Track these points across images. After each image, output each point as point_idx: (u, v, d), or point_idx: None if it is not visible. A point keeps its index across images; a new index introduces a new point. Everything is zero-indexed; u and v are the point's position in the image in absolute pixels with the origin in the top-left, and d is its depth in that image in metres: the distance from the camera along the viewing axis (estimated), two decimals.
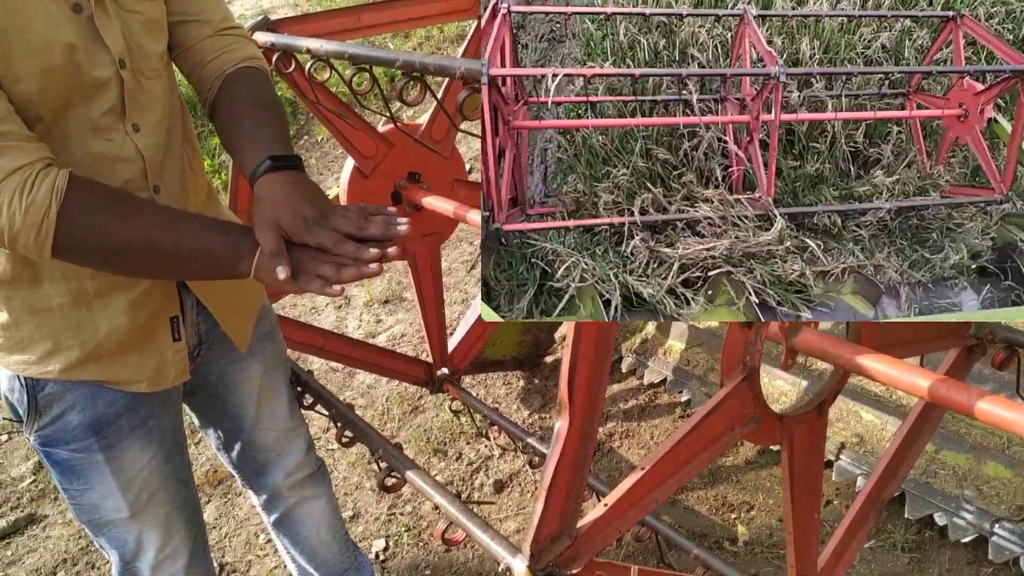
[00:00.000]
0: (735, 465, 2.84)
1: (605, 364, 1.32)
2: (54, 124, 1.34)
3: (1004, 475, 2.28)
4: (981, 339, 1.94)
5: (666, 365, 3.19)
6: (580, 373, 1.28)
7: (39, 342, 1.48)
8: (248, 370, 1.84)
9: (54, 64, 1.29)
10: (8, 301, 1.46)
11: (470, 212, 2.44)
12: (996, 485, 2.28)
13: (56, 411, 1.54)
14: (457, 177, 2.78)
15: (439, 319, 2.92)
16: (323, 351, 2.80)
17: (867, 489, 1.98)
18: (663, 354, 3.23)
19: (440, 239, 2.86)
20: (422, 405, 3.52)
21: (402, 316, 4.20)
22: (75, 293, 1.46)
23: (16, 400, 1.55)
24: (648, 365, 3.24)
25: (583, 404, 1.30)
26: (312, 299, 4.55)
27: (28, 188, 1.23)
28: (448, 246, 4.60)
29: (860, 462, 2.52)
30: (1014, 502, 2.23)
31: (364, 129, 2.49)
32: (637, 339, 3.34)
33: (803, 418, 1.66)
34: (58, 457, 1.58)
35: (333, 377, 3.84)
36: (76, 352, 1.50)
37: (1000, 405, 1.28)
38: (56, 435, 1.56)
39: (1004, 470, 2.29)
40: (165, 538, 1.72)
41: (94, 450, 1.58)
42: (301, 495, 2.04)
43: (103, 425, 1.57)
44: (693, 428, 1.46)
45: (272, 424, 1.92)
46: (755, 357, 1.49)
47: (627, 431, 3.12)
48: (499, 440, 3.16)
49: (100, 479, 1.60)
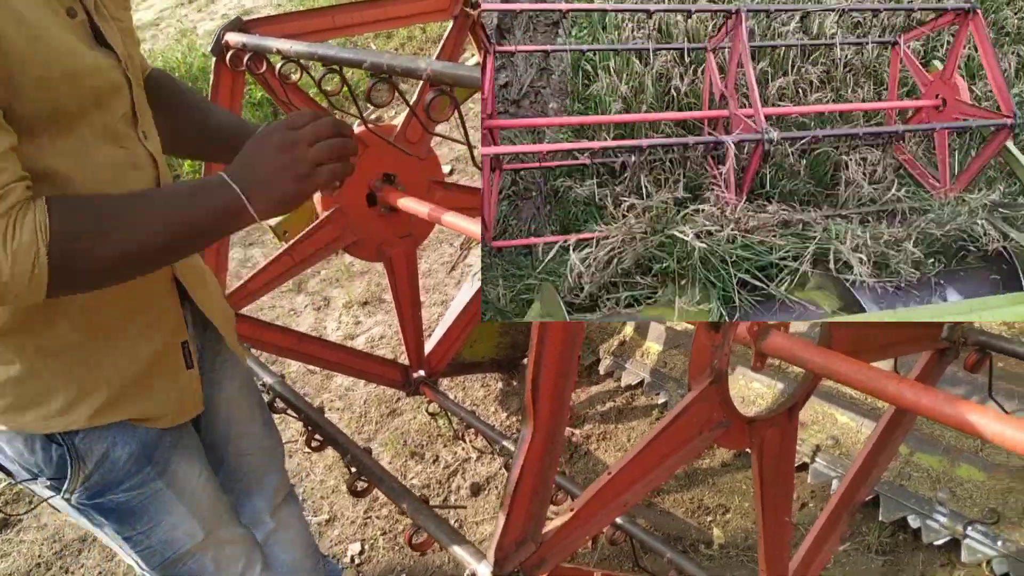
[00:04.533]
0: (711, 468, 2.84)
1: (570, 369, 1.31)
2: (73, 133, 1.27)
3: (977, 477, 2.29)
4: (953, 342, 1.94)
5: (643, 367, 3.18)
6: (544, 379, 1.27)
7: (60, 390, 1.36)
8: (223, 392, 1.77)
9: (77, 67, 1.23)
10: (20, 350, 1.33)
11: (445, 214, 2.43)
12: (969, 487, 2.28)
13: (99, 451, 1.42)
14: (433, 178, 2.77)
15: (415, 321, 2.90)
16: (298, 353, 2.78)
17: (840, 492, 1.98)
18: (640, 356, 3.22)
19: (416, 241, 2.84)
20: (399, 408, 3.50)
21: (381, 318, 4.18)
22: (92, 327, 1.37)
23: (42, 461, 1.40)
24: (626, 367, 3.23)
25: (548, 410, 1.29)
26: (291, 300, 4.52)
27: (10, 236, 1.12)
28: (427, 248, 4.58)
29: (835, 464, 2.52)
30: (987, 504, 2.23)
31: None
32: (615, 341, 3.33)
33: (773, 421, 1.65)
34: (113, 503, 1.46)
35: (311, 379, 3.82)
36: (103, 393, 1.39)
37: (968, 409, 1.28)
38: (107, 479, 1.44)
39: (977, 472, 2.29)
40: (240, 550, 1.67)
41: (152, 479, 1.48)
42: (280, 518, 1.97)
43: (152, 449, 1.47)
44: (661, 432, 1.45)
45: (251, 447, 1.87)
46: (723, 361, 1.48)
47: (604, 433, 3.11)
48: (476, 443, 3.14)
49: (166, 508, 1.51)
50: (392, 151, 2.56)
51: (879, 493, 2.38)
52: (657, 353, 3.18)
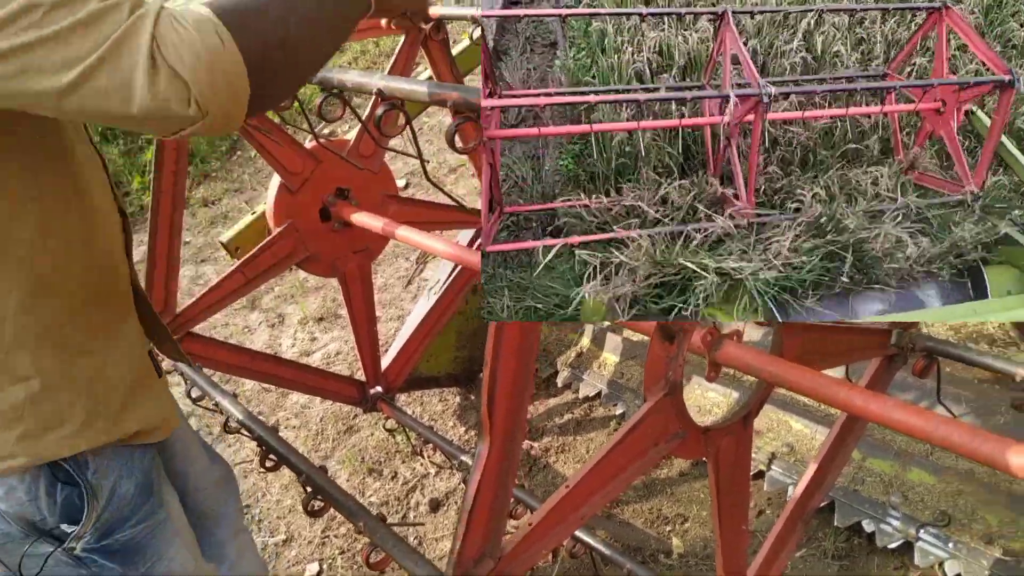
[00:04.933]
0: (669, 477, 2.85)
1: (526, 383, 1.31)
2: (59, 130, 1.22)
3: (928, 481, 2.33)
4: (902, 348, 1.98)
5: (601, 378, 3.19)
6: (500, 393, 1.27)
7: (77, 405, 1.28)
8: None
9: None
10: (38, 363, 1.23)
11: (399, 228, 2.42)
12: (921, 491, 2.32)
13: (108, 486, 1.35)
14: (387, 193, 2.75)
15: (371, 337, 2.88)
16: (252, 372, 2.74)
17: (795, 499, 2.00)
18: (598, 367, 3.23)
19: (371, 256, 2.82)
20: (357, 424, 3.47)
21: (337, 334, 4.14)
22: (95, 328, 1.31)
23: (46, 508, 1.30)
24: (583, 379, 3.24)
25: (504, 424, 1.28)
26: (245, 318, 4.47)
27: (177, 23, 0.94)
28: (383, 262, 4.56)
29: (791, 471, 2.55)
30: (938, 507, 2.27)
31: (290, 145, 2.45)
32: (572, 353, 3.34)
33: (728, 430, 1.66)
34: (118, 543, 1.39)
35: (266, 397, 3.77)
36: (115, 404, 1.33)
37: (914, 415, 1.30)
38: (116, 515, 1.37)
39: (928, 476, 2.33)
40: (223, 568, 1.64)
41: (157, 510, 1.43)
42: (238, 544, 1.90)
43: (151, 479, 1.42)
44: (617, 445, 1.45)
45: (204, 481, 1.81)
46: (677, 372, 1.49)
47: (563, 445, 3.11)
48: (434, 458, 3.12)
49: (168, 539, 1.46)
50: (345, 166, 2.54)
51: (834, 499, 2.41)
52: (614, 364, 3.20)
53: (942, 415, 1.33)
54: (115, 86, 0.94)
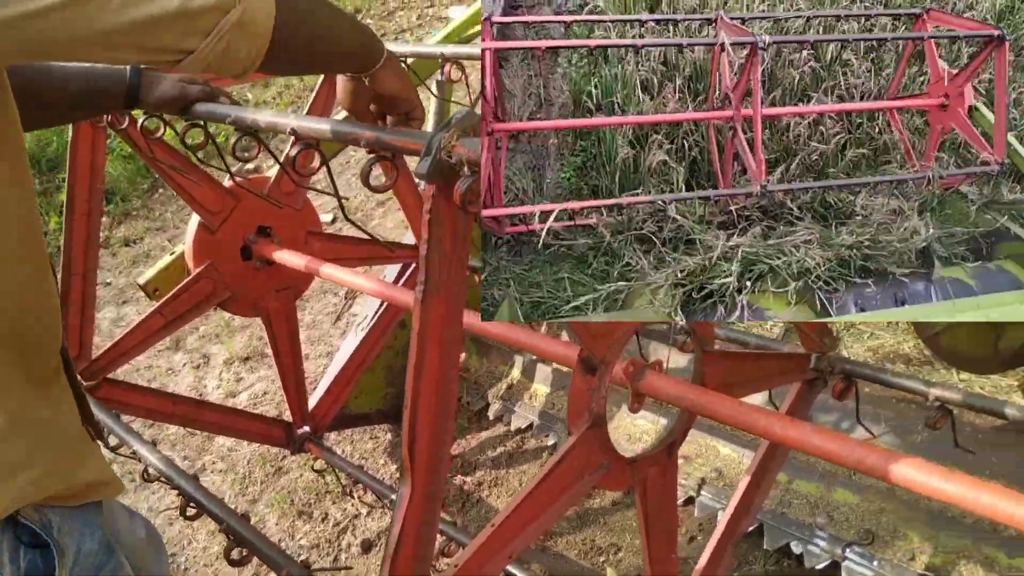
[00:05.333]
0: (602, 507, 2.85)
1: (448, 422, 1.30)
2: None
3: (852, 500, 2.37)
4: (821, 371, 2.02)
5: (532, 409, 3.19)
6: (421, 432, 1.25)
7: (37, 453, 1.22)
8: None
9: None
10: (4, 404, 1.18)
11: (323, 266, 2.40)
12: (845, 510, 2.36)
13: (74, 545, 1.28)
14: (311, 229, 2.73)
15: (297, 376, 2.84)
16: (174, 417, 2.67)
17: (723, 524, 2.02)
18: (529, 399, 3.23)
19: (295, 294, 2.79)
20: (285, 465, 3.39)
21: (264, 373, 4.06)
22: (46, 374, 1.26)
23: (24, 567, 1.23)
24: (515, 411, 3.23)
25: (426, 465, 1.27)
26: (168, 359, 4.35)
27: None
28: (311, 298, 4.50)
29: (720, 496, 2.57)
30: (862, 526, 2.31)
31: (208, 184, 2.41)
32: (503, 385, 3.33)
33: (654, 460, 1.67)
34: None
35: (191, 441, 3.67)
36: (70, 454, 1.27)
37: (830, 440, 1.33)
38: (85, 574, 1.31)
39: (852, 495, 2.38)
40: None
41: (119, 570, 1.37)
42: None
43: (109, 537, 1.36)
44: (543, 480, 1.45)
45: (134, 539, 1.74)
46: (600, 404, 1.50)
47: (496, 479, 3.09)
48: (365, 498, 3.07)
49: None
50: (267, 203, 2.51)
51: (762, 522, 2.44)
52: (545, 395, 3.20)
53: (858, 439, 1.36)
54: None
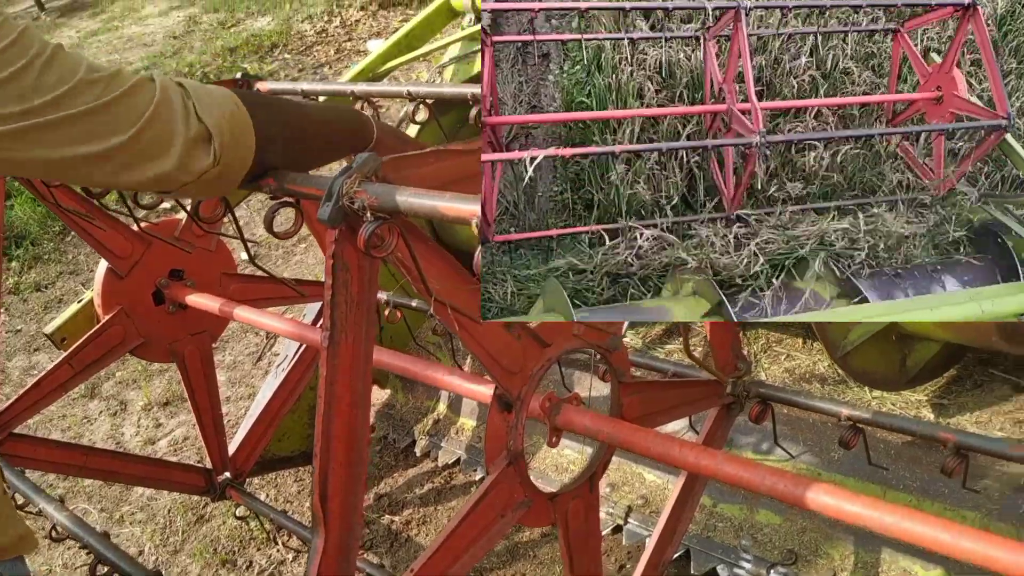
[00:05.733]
0: (532, 540, 2.84)
1: (361, 468, 1.27)
2: None
3: (775, 521, 2.41)
4: (737, 396, 2.06)
5: (459, 444, 3.16)
6: (333, 478, 1.23)
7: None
8: None
9: None
10: None
11: (238, 308, 2.35)
12: (768, 532, 2.39)
13: None
14: (225, 271, 2.67)
15: (216, 421, 2.77)
16: (86, 470, 2.57)
17: (648, 553, 2.02)
18: (455, 433, 3.20)
19: (211, 337, 2.72)
20: (208, 513, 3.30)
21: (184, 418, 3.95)
22: None
23: None
24: (442, 446, 3.20)
25: (340, 513, 1.24)
26: (84, 407, 4.20)
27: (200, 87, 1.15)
28: (232, 339, 4.41)
29: (647, 523, 2.58)
30: (785, 546, 2.35)
31: (115, 229, 2.34)
32: (429, 420, 3.30)
33: (575, 494, 1.67)
34: None
35: (108, 491, 3.54)
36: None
37: (742, 468, 1.35)
38: None
39: (774, 516, 2.41)
40: None
41: None
42: None
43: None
44: (462, 521, 1.44)
45: None
46: (518, 441, 1.49)
47: (424, 517, 3.06)
48: (291, 543, 3.00)
49: None
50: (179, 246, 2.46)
51: (689, 547, 2.45)
52: (472, 428, 3.18)
53: (769, 465, 1.39)
54: (160, 140, 1.09)
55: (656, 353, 3.03)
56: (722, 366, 2.00)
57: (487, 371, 1.42)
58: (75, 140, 1.03)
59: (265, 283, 2.80)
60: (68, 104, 1.02)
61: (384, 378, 3.43)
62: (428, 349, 3.15)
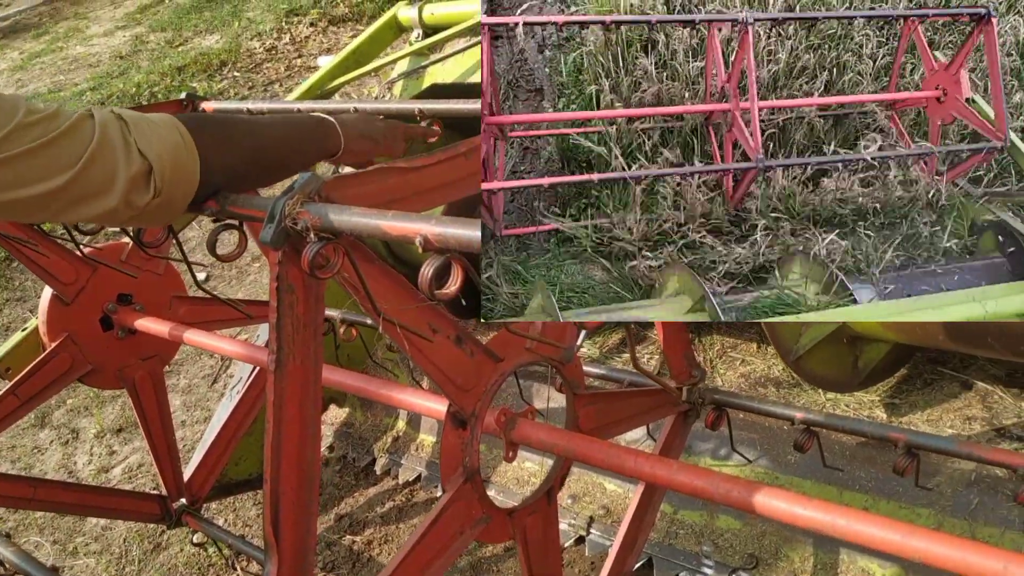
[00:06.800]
0: (495, 554, 2.82)
1: (313, 492, 1.26)
2: None
3: (735, 526, 2.42)
4: (693, 403, 2.07)
5: (419, 461, 3.14)
6: (285, 505, 1.21)
7: None
8: None
9: None
10: None
11: (187, 331, 2.31)
12: (729, 537, 2.41)
13: None
14: (175, 294, 2.63)
15: (170, 447, 2.71)
16: (36, 503, 2.50)
17: (609, 563, 2.02)
18: (415, 450, 3.18)
19: (162, 361, 2.67)
20: (165, 541, 3.23)
21: (139, 444, 3.86)
22: None
23: None
24: (402, 463, 3.18)
25: (292, 539, 1.22)
26: (34, 437, 4.10)
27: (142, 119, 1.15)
28: (186, 362, 4.34)
29: (609, 533, 2.59)
30: (746, 551, 2.36)
31: (58, 254, 2.29)
32: (388, 438, 3.27)
33: (533, 508, 1.67)
34: None
35: (61, 523, 3.45)
36: None
37: (696, 476, 1.35)
38: None
39: (734, 521, 2.43)
40: None
41: None
42: None
43: None
44: (420, 539, 1.42)
45: None
46: (473, 458, 1.49)
47: (386, 536, 3.02)
48: (250, 568, 2.95)
49: None
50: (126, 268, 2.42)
51: (651, 555, 2.46)
52: (432, 444, 3.16)
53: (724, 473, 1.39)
54: (102, 178, 1.09)
55: (613, 363, 3.04)
56: (676, 374, 2.01)
57: (440, 388, 1.41)
58: (15, 184, 1.04)
59: (216, 305, 2.76)
60: (5, 147, 1.02)
61: (342, 397, 3.40)
62: (385, 367, 3.13)
